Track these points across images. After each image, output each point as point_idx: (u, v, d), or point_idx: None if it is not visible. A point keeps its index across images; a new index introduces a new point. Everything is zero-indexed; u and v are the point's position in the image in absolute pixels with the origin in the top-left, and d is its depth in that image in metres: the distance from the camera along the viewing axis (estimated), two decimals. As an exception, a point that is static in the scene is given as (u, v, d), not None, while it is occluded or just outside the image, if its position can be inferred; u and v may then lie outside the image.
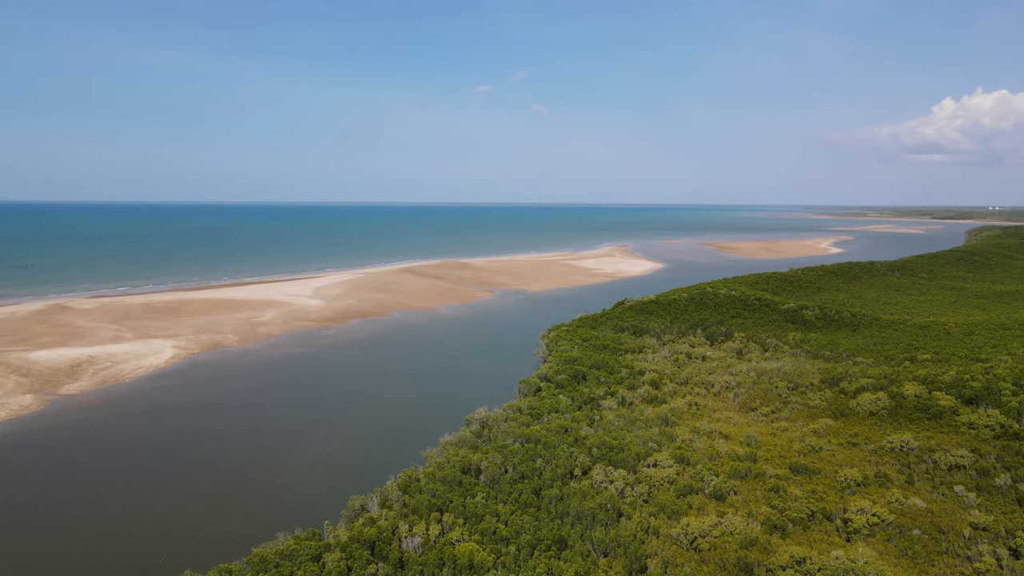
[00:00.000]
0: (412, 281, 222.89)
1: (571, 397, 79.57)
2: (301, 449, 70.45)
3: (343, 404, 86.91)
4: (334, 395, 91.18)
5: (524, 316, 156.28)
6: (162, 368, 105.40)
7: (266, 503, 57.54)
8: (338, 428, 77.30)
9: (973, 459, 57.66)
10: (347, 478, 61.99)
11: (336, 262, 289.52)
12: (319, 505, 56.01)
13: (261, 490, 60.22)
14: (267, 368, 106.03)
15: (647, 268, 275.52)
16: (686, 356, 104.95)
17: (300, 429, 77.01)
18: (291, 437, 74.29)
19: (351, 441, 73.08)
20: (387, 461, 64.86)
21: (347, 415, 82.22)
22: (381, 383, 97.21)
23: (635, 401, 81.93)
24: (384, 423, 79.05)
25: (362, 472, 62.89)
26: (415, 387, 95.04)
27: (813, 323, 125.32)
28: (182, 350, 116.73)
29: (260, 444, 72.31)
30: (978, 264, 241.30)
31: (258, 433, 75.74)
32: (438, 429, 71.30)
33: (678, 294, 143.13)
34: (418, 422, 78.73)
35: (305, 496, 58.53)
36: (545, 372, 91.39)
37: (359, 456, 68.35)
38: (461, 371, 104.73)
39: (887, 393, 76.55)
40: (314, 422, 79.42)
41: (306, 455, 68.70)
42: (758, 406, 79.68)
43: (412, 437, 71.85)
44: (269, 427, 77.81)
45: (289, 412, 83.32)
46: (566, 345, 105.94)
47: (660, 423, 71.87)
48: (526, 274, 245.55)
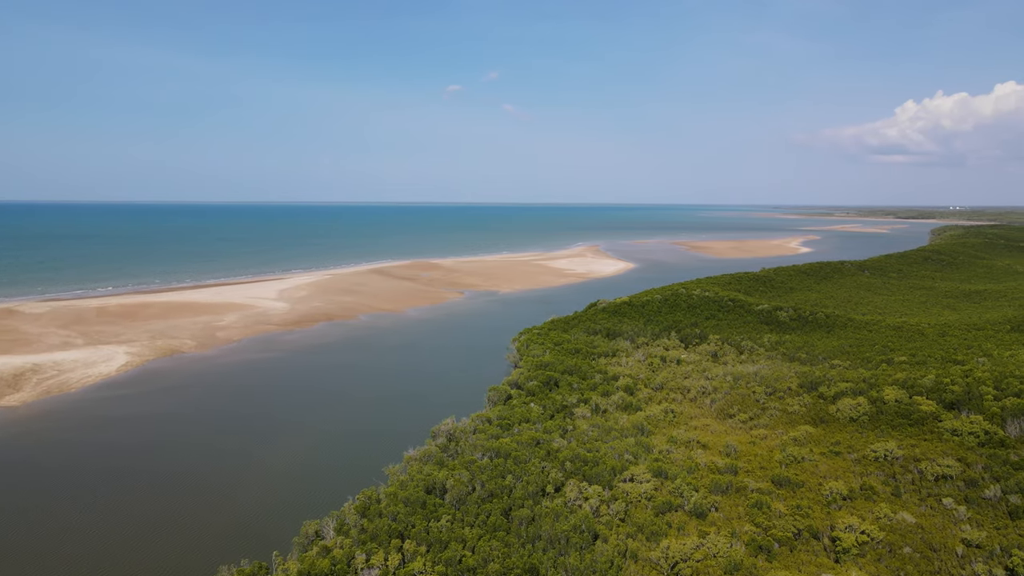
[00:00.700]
0: (381, 282, 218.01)
1: (543, 405, 76.15)
2: (255, 466, 66.01)
3: (303, 415, 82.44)
4: (294, 405, 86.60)
5: (495, 318, 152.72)
6: (112, 377, 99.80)
7: (212, 528, 53.09)
8: (296, 441, 72.92)
9: (960, 469, 55.44)
10: (303, 498, 57.81)
11: (304, 263, 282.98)
12: (270, 530, 51.79)
13: (208, 513, 55.74)
14: (224, 376, 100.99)
15: (619, 268, 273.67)
16: (660, 360, 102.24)
17: (255, 443, 72.47)
18: (245, 452, 69.76)
19: (309, 456, 68.77)
20: (347, 478, 60.80)
21: (307, 427, 77.81)
22: (344, 391, 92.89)
23: (609, 408, 78.81)
24: (346, 435, 74.83)
25: (319, 491, 58.73)
26: (380, 395, 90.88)
27: (788, 324, 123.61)
28: (135, 357, 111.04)
29: (210, 460, 67.68)
30: (945, 263, 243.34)
31: (209, 448, 71.04)
32: (403, 441, 67.39)
33: (651, 295, 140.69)
34: (382, 434, 74.66)
35: (256, 519, 54.19)
36: (516, 378, 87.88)
37: (317, 473, 64.14)
38: (429, 377, 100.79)
39: (867, 398, 74.42)
40: (270, 435, 74.91)
41: (259, 473, 64.28)
42: (736, 412, 77.06)
43: (375, 451, 67.83)
44: (221, 441, 73.15)
45: (244, 424, 78.69)
46: (537, 349, 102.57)
47: (636, 432, 68.78)
48: (497, 275, 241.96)
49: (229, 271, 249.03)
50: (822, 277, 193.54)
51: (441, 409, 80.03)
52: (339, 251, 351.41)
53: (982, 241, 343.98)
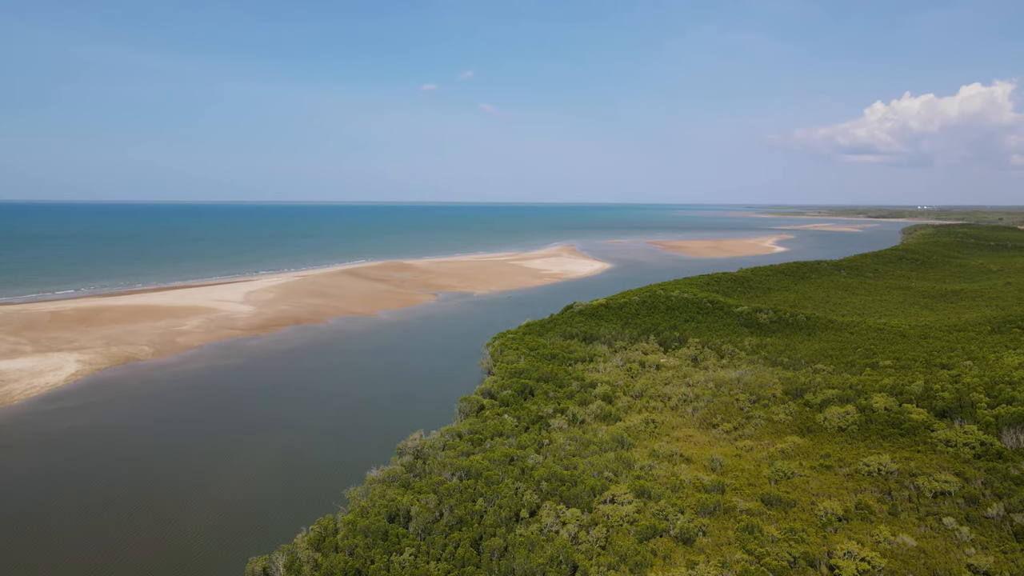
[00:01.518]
0: (352, 284, 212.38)
1: (517, 416, 71.96)
2: (201, 490, 60.81)
3: (260, 430, 77.27)
4: (252, 419, 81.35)
5: (468, 321, 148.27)
6: (59, 387, 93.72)
7: (150, 565, 48.02)
8: (250, 461, 67.75)
9: (959, 484, 52.26)
10: (253, 527, 52.89)
11: (275, 264, 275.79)
12: (214, 567, 46.84)
13: (148, 545, 50.65)
14: (181, 385, 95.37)
15: (595, 268, 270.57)
16: (639, 365, 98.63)
17: (204, 464, 67.24)
18: (194, 472, 64.61)
19: (263, 478, 63.61)
20: (304, 503, 56.08)
21: (263, 444, 72.65)
22: (307, 402, 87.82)
23: (587, 419, 74.87)
24: (305, 453, 69.79)
25: (271, 519, 53.89)
26: (346, 406, 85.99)
27: (768, 327, 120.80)
28: (86, 365, 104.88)
29: (152, 483, 62.39)
30: (920, 263, 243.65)
31: (153, 469, 65.66)
32: (367, 459, 62.81)
33: (629, 297, 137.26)
34: (344, 451, 69.84)
35: (198, 554, 49.14)
36: (489, 387, 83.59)
37: (270, 497, 59.11)
38: (398, 386, 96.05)
39: (855, 406, 71.30)
40: (222, 454, 69.65)
41: (206, 498, 59.13)
42: (719, 422, 73.55)
43: (336, 470, 63.12)
44: (170, 460, 67.81)
45: (194, 442, 73.29)
46: (512, 355, 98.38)
47: (615, 445, 64.89)
48: (472, 275, 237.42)
49: (199, 272, 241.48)
50: (799, 277, 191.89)
51: (410, 421, 75.57)
52: (312, 251, 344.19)
53: (953, 240, 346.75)
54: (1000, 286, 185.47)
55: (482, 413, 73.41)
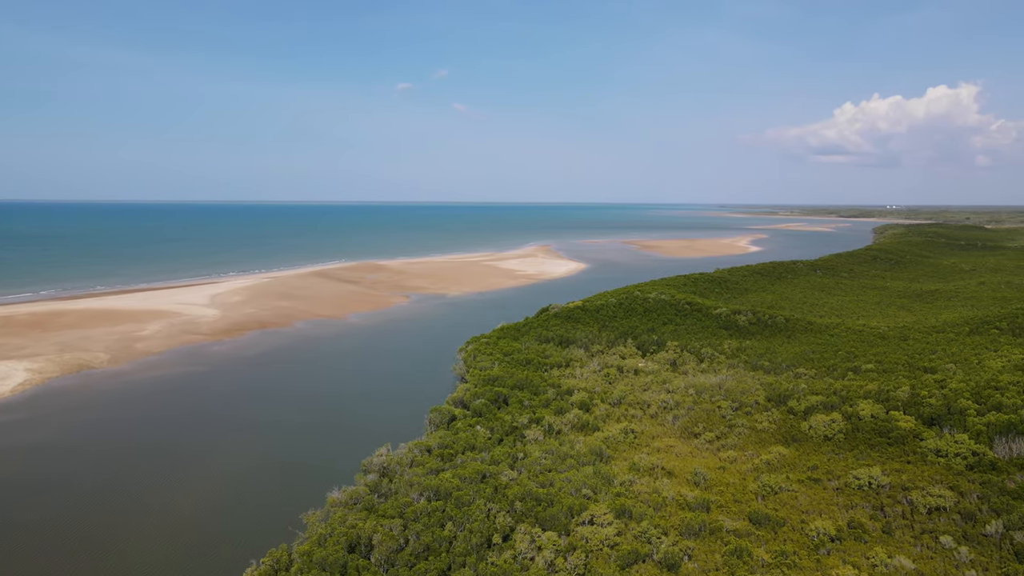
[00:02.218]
0: (323, 286, 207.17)
1: (490, 428, 68.38)
2: (147, 514, 56.34)
3: (217, 444, 72.82)
4: (209, 431, 76.81)
5: (441, 324, 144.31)
6: (5, 398, 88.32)
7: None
8: (205, 479, 63.34)
9: (954, 499, 49.71)
10: (200, 558, 48.61)
11: (246, 264, 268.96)
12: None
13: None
14: (136, 395, 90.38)
15: (571, 269, 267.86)
16: (617, 370, 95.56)
17: (157, 481, 62.77)
18: (142, 492, 60.08)
19: (217, 499, 59.20)
20: (258, 529, 51.95)
21: (219, 460, 68.22)
22: (269, 414, 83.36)
23: (564, 429, 71.51)
24: (263, 470, 65.40)
25: (222, 548, 49.66)
26: (309, 418, 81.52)
27: (747, 329, 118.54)
28: (36, 374, 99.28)
29: (97, 504, 57.85)
30: (893, 263, 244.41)
31: (102, 489, 61.05)
32: (329, 477, 58.79)
33: (606, 299, 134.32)
34: (306, 467, 65.69)
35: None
36: (461, 395, 79.86)
37: (222, 523, 54.65)
38: (365, 395, 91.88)
39: (841, 414, 68.84)
40: (176, 470, 65.21)
41: (153, 522, 54.68)
42: (701, 431, 70.62)
43: (296, 490, 58.99)
44: (112, 482, 63.07)
45: (145, 458, 68.62)
46: (486, 361, 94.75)
47: (594, 458, 61.60)
48: (446, 276, 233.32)
49: (167, 274, 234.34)
50: (776, 277, 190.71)
51: (378, 433, 71.73)
52: (287, 252, 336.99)
53: (924, 240, 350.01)
54: (974, 286, 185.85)
55: (453, 424, 69.70)
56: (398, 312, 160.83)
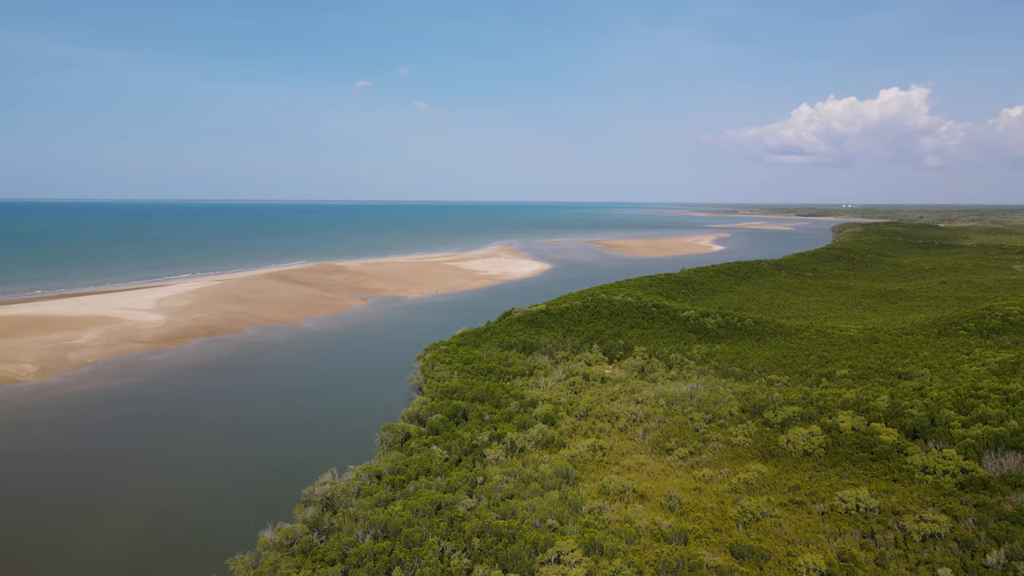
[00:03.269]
0: (277, 288, 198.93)
1: (448, 447, 62.98)
2: (55, 556, 49.69)
3: (143, 471, 65.75)
4: (136, 456, 69.52)
5: (400, 329, 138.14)
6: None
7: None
8: (119, 516, 56.17)
9: (949, 524, 45.88)
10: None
11: (198, 266, 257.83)
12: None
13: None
14: (63, 413, 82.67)
15: (534, 269, 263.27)
16: (583, 378, 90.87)
17: (70, 516, 55.86)
18: (52, 530, 53.20)
19: (130, 542, 51.88)
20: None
21: (141, 491, 61.03)
22: (207, 433, 76.56)
23: (527, 446, 66.50)
24: (190, 504, 58.13)
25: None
26: (250, 440, 74.60)
27: (716, 332, 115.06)
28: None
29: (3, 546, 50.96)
30: (855, 262, 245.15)
31: (5, 529, 54.04)
32: (267, 509, 52.79)
33: (570, 302, 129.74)
34: (240, 498, 59.11)
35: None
36: (417, 410, 74.29)
37: (136, 572, 48.13)
38: (315, 409, 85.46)
39: (820, 426, 65.08)
40: (87, 507, 57.97)
41: (58, 570, 48.05)
42: (674, 446, 66.23)
43: (223, 529, 52.50)
44: (28, 514, 56.14)
45: (60, 489, 61.35)
46: (444, 370, 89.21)
47: (560, 481, 56.65)
48: (406, 278, 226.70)
49: (113, 276, 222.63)
50: (741, 277, 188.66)
51: (325, 454, 65.86)
52: (240, 252, 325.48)
53: (883, 239, 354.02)
54: (936, 285, 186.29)
55: (407, 444, 64.12)
56: (354, 316, 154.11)
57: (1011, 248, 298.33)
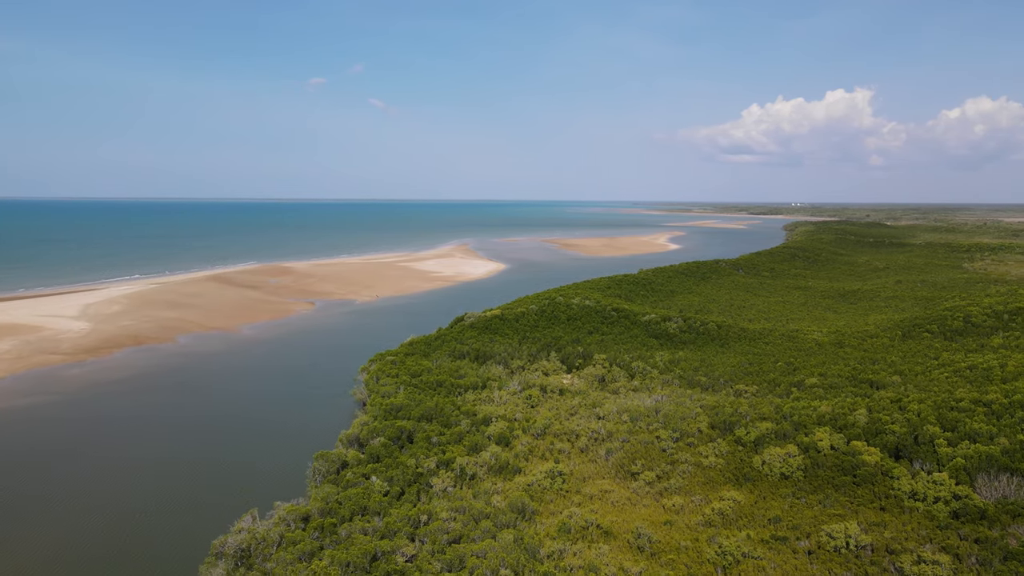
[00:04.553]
0: (218, 292, 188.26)
1: (389, 477, 55.97)
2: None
3: (34, 515, 57.38)
4: (28, 495, 60.80)
5: (347, 336, 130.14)
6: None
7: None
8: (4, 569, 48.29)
9: (951, 565, 40.86)
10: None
11: (135, 268, 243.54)
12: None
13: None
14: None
15: (489, 269, 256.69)
16: (540, 390, 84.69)
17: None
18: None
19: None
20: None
21: (26, 540, 52.86)
22: (115, 463, 67.86)
23: (479, 473, 59.93)
24: (79, 558, 50.25)
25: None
26: (167, 470, 66.09)
27: (678, 337, 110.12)
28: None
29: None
30: (811, 261, 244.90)
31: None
32: (171, 565, 45.05)
33: (526, 306, 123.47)
34: (143, 551, 50.97)
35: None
36: (357, 432, 67.02)
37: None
38: (245, 432, 77.27)
39: (796, 445, 59.99)
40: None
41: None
42: (640, 469, 60.38)
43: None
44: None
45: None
46: (390, 385, 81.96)
47: (514, 517, 50.20)
48: (356, 280, 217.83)
49: (38, 279, 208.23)
50: (700, 278, 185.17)
51: (250, 489, 58.27)
52: (183, 253, 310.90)
53: (835, 237, 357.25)
54: (892, 285, 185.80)
55: (344, 475, 56.89)
56: (299, 322, 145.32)
57: (959, 247, 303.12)
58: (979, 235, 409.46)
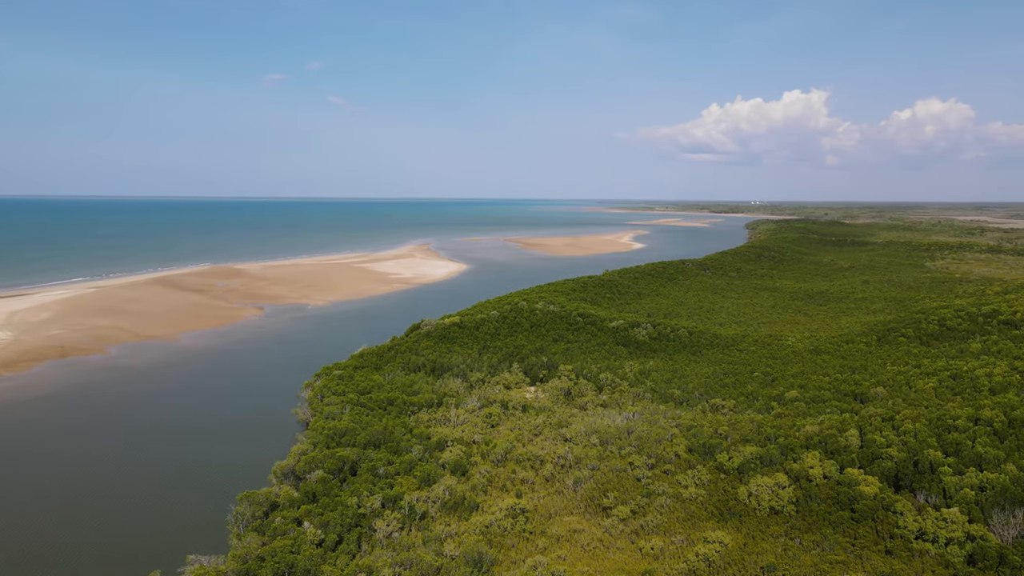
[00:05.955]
0: (160, 296, 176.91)
1: (325, 522, 48.29)
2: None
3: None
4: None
5: (296, 346, 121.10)
6: None
7: None
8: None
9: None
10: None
11: (74, 271, 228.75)
12: None
13: None
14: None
15: (450, 271, 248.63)
16: (501, 406, 77.66)
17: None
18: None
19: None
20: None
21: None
22: (12, 503, 58.93)
23: (431, 511, 52.63)
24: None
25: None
26: (70, 509, 57.46)
27: (648, 345, 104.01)
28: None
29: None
30: (776, 260, 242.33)
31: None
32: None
33: (487, 312, 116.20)
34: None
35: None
36: (293, 464, 59.08)
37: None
38: (169, 465, 68.07)
39: (785, 473, 53.94)
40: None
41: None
42: (612, 503, 53.70)
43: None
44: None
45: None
46: (335, 404, 73.97)
47: (470, 569, 43.04)
48: (311, 282, 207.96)
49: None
50: (667, 279, 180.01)
51: (166, 536, 49.96)
52: (128, 254, 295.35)
53: (798, 236, 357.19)
54: (859, 285, 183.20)
55: (272, 520, 49.01)
56: (245, 329, 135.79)
57: (919, 245, 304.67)
58: (936, 233, 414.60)
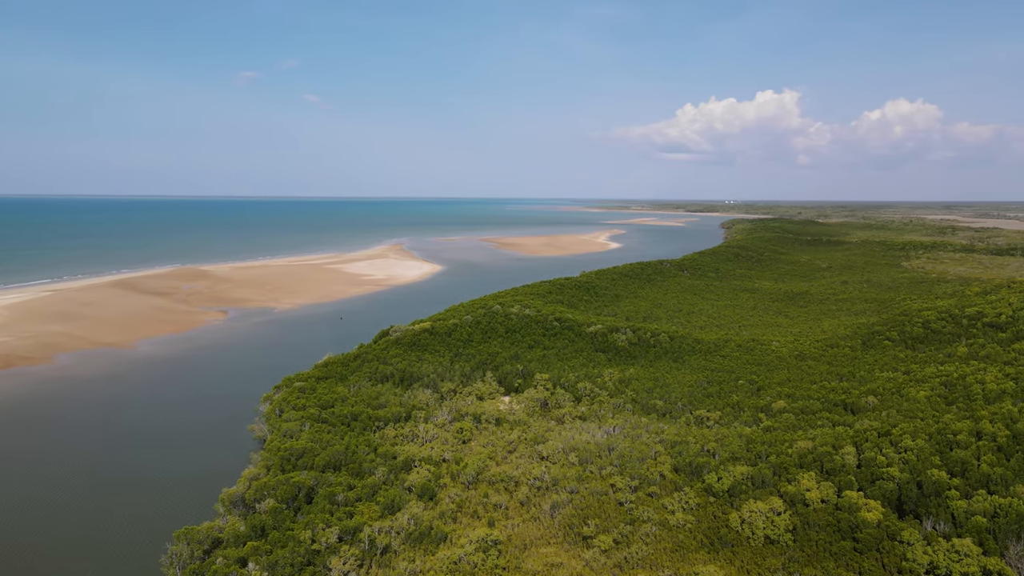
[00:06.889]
0: (119, 300, 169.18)
1: (274, 562, 43.03)
2: None
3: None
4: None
5: (259, 352, 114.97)
6: None
7: None
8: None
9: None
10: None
11: (32, 273, 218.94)
12: None
13: None
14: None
15: (424, 272, 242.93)
16: (474, 420, 72.84)
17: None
18: None
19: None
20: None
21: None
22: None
23: (393, 544, 47.58)
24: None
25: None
26: None
27: (628, 351, 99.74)
28: None
29: None
30: (754, 260, 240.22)
31: None
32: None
33: (459, 316, 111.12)
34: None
35: None
36: (243, 490, 53.65)
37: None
38: (107, 489, 62.33)
39: (780, 497, 49.77)
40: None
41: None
42: (594, 532, 49.08)
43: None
44: None
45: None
46: (294, 420, 68.54)
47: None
48: (278, 284, 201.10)
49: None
50: (645, 280, 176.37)
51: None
52: (90, 255, 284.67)
53: (774, 236, 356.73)
54: (838, 285, 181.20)
55: (212, 560, 43.62)
56: (207, 335, 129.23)
57: (894, 245, 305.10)
58: (909, 233, 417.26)
